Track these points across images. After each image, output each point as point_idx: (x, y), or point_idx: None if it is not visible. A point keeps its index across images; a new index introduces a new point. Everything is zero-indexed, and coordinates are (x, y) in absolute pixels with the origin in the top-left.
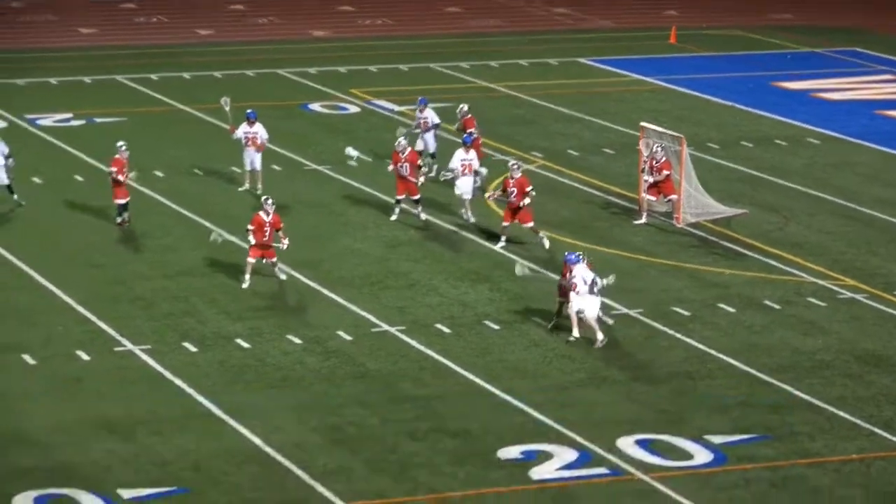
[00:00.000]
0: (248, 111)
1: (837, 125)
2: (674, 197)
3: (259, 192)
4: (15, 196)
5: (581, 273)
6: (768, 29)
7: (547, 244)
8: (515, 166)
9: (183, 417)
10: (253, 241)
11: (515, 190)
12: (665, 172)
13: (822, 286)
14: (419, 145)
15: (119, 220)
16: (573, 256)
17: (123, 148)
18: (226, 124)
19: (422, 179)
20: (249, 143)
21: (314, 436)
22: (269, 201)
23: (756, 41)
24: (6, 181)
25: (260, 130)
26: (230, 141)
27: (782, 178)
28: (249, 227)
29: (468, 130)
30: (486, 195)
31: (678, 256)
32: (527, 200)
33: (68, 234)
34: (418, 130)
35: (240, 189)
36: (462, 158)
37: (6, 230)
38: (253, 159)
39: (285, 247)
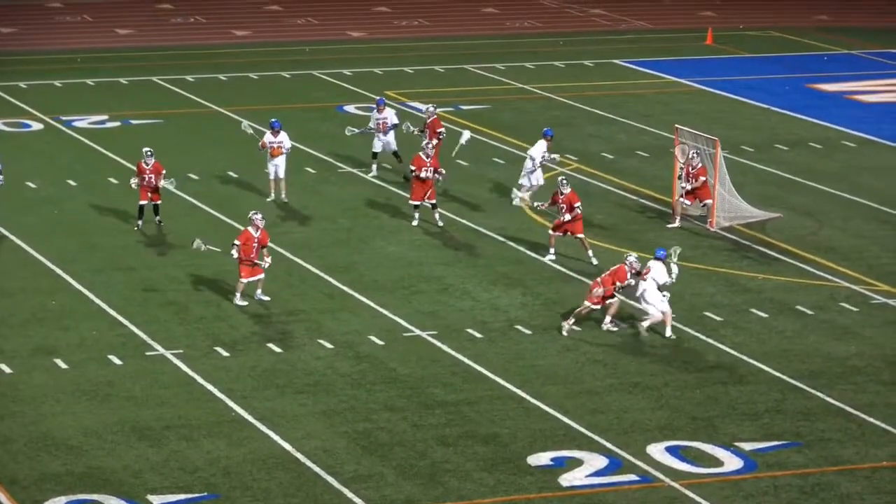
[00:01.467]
0: (273, 120)
1: (873, 128)
2: (709, 201)
3: (285, 200)
4: None
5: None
6: (805, 30)
7: (594, 261)
8: (564, 181)
9: (213, 423)
10: (235, 256)
11: (565, 207)
12: (702, 178)
13: (855, 291)
14: (377, 146)
15: (140, 222)
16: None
17: (150, 154)
18: (257, 137)
19: (439, 181)
20: (274, 152)
21: (344, 441)
22: (259, 216)
23: (793, 42)
24: None
25: (284, 140)
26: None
27: (817, 182)
28: (236, 241)
29: (437, 131)
30: (536, 205)
31: (711, 260)
32: (567, 217)
33: (102, 238)
34: (373, 131)
35: (267, 200)
36: (543, 151)
37: (40, 234)
38: (277, 168)
39: (267, 265)
